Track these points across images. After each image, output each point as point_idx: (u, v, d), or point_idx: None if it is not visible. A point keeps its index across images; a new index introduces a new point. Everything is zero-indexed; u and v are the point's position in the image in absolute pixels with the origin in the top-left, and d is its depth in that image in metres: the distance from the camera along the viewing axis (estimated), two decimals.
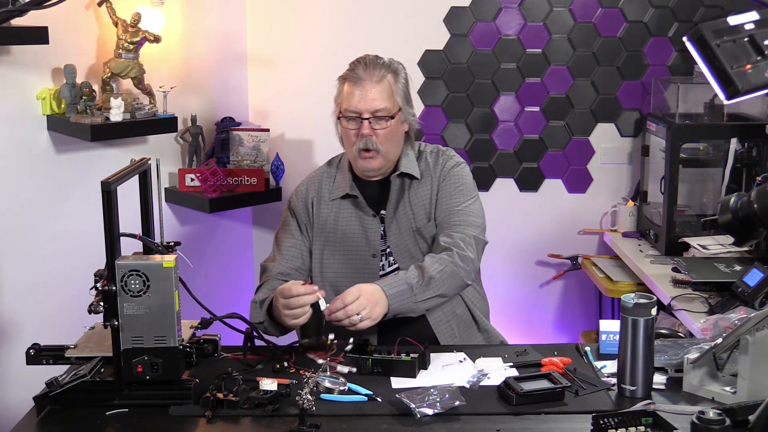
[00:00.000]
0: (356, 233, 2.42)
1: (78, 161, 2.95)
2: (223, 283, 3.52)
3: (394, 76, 2.38)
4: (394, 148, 2.40)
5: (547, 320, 3.75)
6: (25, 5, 1.92)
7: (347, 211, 2.44)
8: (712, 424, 1.54)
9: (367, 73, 2.34)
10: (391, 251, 2.41)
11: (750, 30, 1.62)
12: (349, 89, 2.35)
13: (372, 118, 2.33)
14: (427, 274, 2.21)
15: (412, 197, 2.42)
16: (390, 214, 2.41)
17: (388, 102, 2.34)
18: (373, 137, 2.33)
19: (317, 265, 2.43)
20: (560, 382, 1.88)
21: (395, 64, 2.41)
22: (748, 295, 2.36)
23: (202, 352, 1.99)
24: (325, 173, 2.51)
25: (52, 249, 2.90)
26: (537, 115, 3.61)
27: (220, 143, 3.46)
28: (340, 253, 2.42)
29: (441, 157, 2.46)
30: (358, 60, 2.39)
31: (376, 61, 2.37)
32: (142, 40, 2.96)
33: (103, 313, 1.83)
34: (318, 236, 2.45)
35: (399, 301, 2.16)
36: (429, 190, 2.42)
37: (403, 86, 2.40)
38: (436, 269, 2.22)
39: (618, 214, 3.58)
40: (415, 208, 2.41)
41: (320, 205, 2.46)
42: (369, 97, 2.33)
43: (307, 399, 1.72)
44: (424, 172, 2.44)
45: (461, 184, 2.43)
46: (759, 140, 3.10)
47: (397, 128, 2.38)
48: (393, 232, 2.41)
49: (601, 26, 3.53)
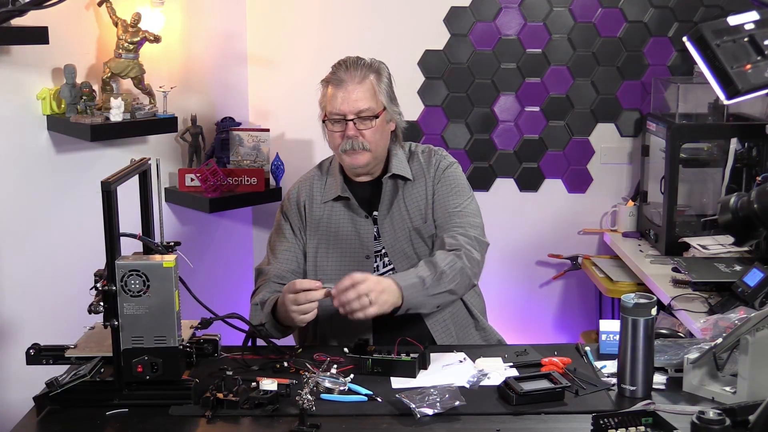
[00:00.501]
0: (349, 235, 2.42)
1: (78, 161, 2.95)
2: (223, 283, 3.52)
3: (377, 75, 2.37)
4: (382, 146, 2.39)
5: (547, 320, 3.75)
6: (25, 5, 1.92)
7: (339, 214, 2.43)
8: (712, 424, 1.54)
9: (348, 75, 2.34)
10: (386, 252, 2.40)
11: (750, 30, 1.61)
12: (332, 92, 2.35)
13: (356, 119, 2.33)
14: (438, 268, 2.22)
15: (407, 198, 2.41)
16: (383, 215, 2.41)
17: (371, 102, 2.34)
18: (359, 137, 2.33)
19: (311, 267, 2.43)
20: (560, 382, 1.88)
21: (377, 64, 2.40)
22: (748, 295, 2.36)
23: (202, 352, 2.00)
24: (316, 176, 2.51)
25: (52, 249, 2.90)
26: (537, 115, 3.61)
27: (220, 143, 3.46)
28: (333, 255, 2.42)
29: (434, 157, 2.46)
30: (340, 62, 2.39)
31: (357, 62, 2.37)
32: (142, 40, 2.96)
33: (103, 313, 1.83)
34: (311, 238, 2.44)
35: (412, 293, 2.17)
36: (424, 191, 2.42)
37: (386, 85, 2.39)
38: (447, 264, 2.23)
39: (618, 214, 3.58)
40: (411, 209, 2.41)
41: (312, 207, 2.46)
42: (352, 98, 2.32)
43: (307, 399, 1.72)
44: (417, 173, 2.44)
45: (456, 184, 2.43)
46: (759, 140, 3.10)
47: (383, 127, 2.38)
48: (387, 233, 2.41)
49: (601, 26, 3.53)
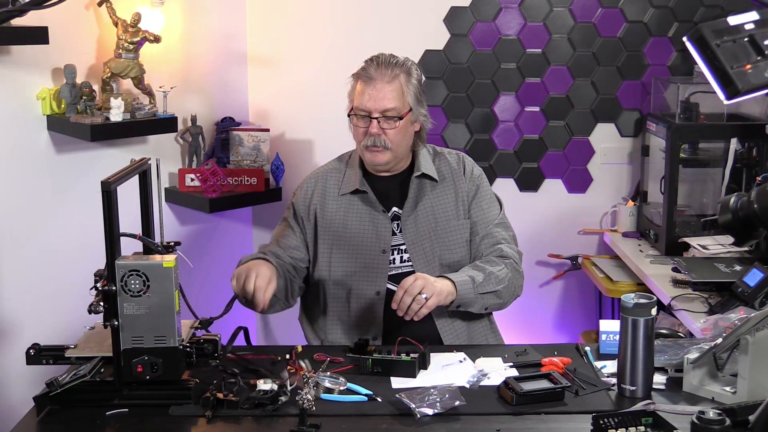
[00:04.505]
0: (366, 229, 2.42)
1: (78, 161, 2.95)
2: (223, 283, 3.51)
3: (407, 76, 2.37)
4: (404, 146, 2.41)
5: (547, 320, 3.75)
6: (25, 5, 1.92)
7: (356, 207, 2.44)
8: (712, 424, 1.54)
9: (378, 73, 2.34)
10: (407, 248, 2.41)
11: (750, 30, 1.61)
12: (361, 87, 2.36)
13: (381, 118, 2.34)
14: (487, 270, 2.31)
15: (434, 198, 2.44)
16: (408, 212, 2.42)
17: (397, 102, 2.34)
18: (381, 136, 2.34)
19: (325, 265, 2.43)
20: (560, 382, 1.88)
21: (409, 64, 2.40)
22: (748, 295, 2.36)
23: (202, 352, 1.99)
24: (335, 169, 2.52)
25: (52, 249, 2.90)
26: (537, 115, 3.61)
27: (220, 143, 3.46)
28: (348, 250, 2.42)
29: (464, 161, 2.51)
30: (372, 58, 2.39)
31: (389, 61, 2.37)
32: (142, 40, 2.96)
33: (103, 313, 1.83)
34: (325, 236, 2.44)
35: (464, 288, 2.25)
36: (453, 193, 2.45)
37: (415, 87, 2.39)
38: (496, 269, 2.32)
39: (618, 214, 3.58)
40: (436, 210, 2.43)
41: (326, 203, 2.46)
42: (379, 96, 2.33)
43: (307, 399, 1.72)
44: (446, 175, 2.48)
45: (492, 195, 2.52)
46: (759, 140, 3.10)
47: (407, 128, 2.39)
48: (410, 230, 2.41)
49: (601, 26, 3.53)
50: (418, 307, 2.14)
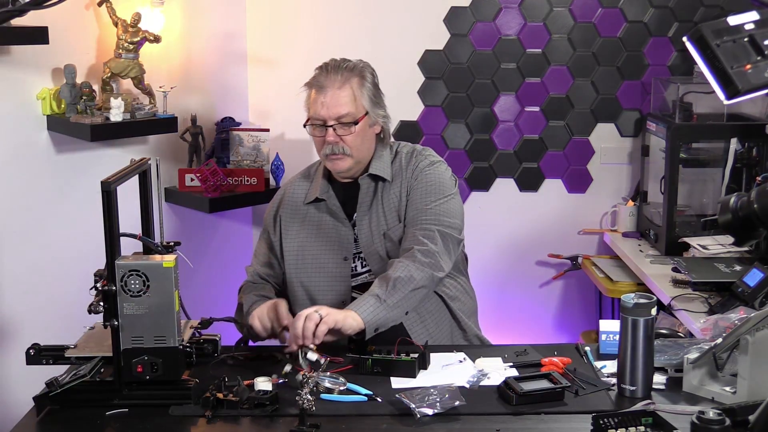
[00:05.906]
0: (330, 236, 2.40)
1: (78, 161, 2.95)
2: (222, 283, 3.51)
3: (360, 79, 2.33)
4: (365, 150, 2.36)
5: (547, 320, 3.75)
6: (25, 5, 1.92)
7: (319, 216, 2.42)
8: (712, 424, 1.54)
9: (329, 80, 2.30)
10: (362, 253, 2.38)
11: (750, 30, 1.61)
12: (314, 96, 2.33)
13: (336, 125, 2.30)
14: (390, 278, 2.16)
15: (384, 199, 2.38)
16: (361, 216, 2.39)
17: (351, 107, 2.30)
18: (339, 143, 2.30)
19: (293, 271, 2.41)
20: (560, 382, 1.88)
21: (360, 66, 2.36)
22: (748, 295, 2.36)
23: (202, 352, 1.99)
24: (302, 178, 2.51)
25: (52, 249, 2.90)
26: (537, 115, 3.61)
27: (220, 143, 3.45)
28: (313, 257, 2.40)
29: (415, 158, 2.41)
30: (322, 65, 2.36)
31: (340, 66, 2.33)
32: (142, 40, 2.96)
33: (103, 313, 1.83)
34: (290, 247, 2.43)
35: (370, 313, 2.10)
36: (399, 191, 2.38)
37: (369, 89, 2.35)
38: (399, 270, 2.18)
39: (618, 214, 3.58)
40: (387, 211, 2.38)
41: (292, 213, 2.45)
42: (332, 103, 2.29)
43: (307, 399, 1.72)
44: (396, 174, 2.40)
45: (434, 183, 2.36)
46: (759, 140, 3.10)
47: (365, 132, 2.34)
48: (364, 234, 2.38)
49: (601, 26, 3.53)
50: (313, 325, 2.01)
